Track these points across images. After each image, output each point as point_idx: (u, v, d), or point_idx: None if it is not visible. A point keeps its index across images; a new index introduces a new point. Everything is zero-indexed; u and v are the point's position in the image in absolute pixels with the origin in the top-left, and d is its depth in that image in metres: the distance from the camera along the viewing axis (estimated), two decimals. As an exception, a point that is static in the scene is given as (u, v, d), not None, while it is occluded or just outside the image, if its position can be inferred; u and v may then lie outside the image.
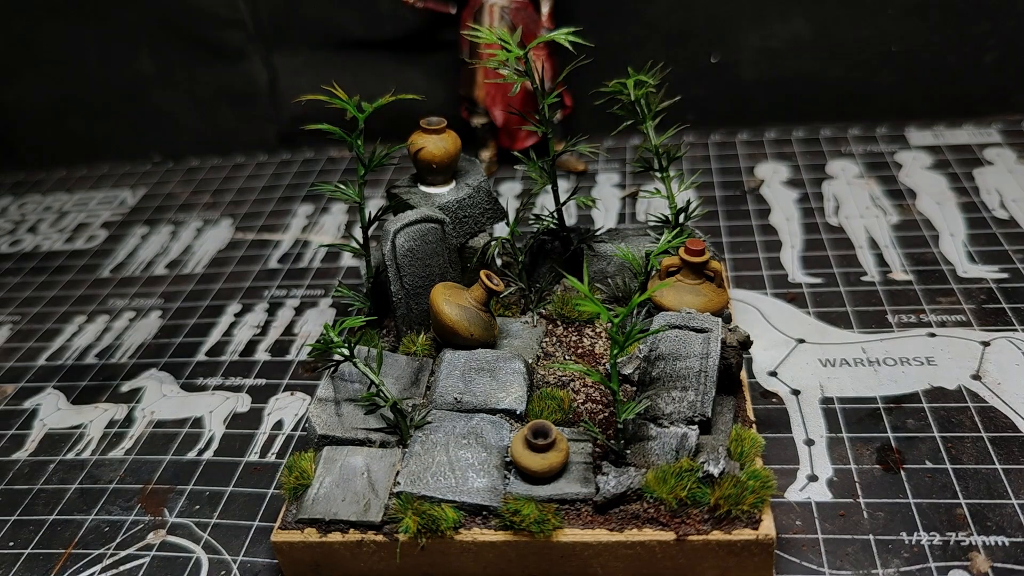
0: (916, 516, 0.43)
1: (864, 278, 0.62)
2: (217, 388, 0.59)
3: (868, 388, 0.51)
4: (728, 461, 0.40)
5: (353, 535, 0.40)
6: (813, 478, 0.46)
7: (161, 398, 0.59)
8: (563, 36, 0.47)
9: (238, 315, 0.67)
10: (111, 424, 0.57)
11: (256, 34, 0.89)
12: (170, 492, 0.51)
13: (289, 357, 0.62)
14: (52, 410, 0.59)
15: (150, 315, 0.69)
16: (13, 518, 0.50)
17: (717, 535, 0.38)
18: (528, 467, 0.39)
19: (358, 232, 0.53)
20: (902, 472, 0.45)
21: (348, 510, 0.40)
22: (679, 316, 0.44)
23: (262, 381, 0.59)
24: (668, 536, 0.38)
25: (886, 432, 0.48)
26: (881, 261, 0.63)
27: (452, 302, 0.47)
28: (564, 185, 0.77)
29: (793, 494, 0.45)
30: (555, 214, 0.55)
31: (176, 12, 0.89)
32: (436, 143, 0.50)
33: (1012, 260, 0.61)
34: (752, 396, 0.52)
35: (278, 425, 0.55)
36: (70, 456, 0.55)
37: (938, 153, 0.77)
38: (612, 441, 0.41)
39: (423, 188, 0.52)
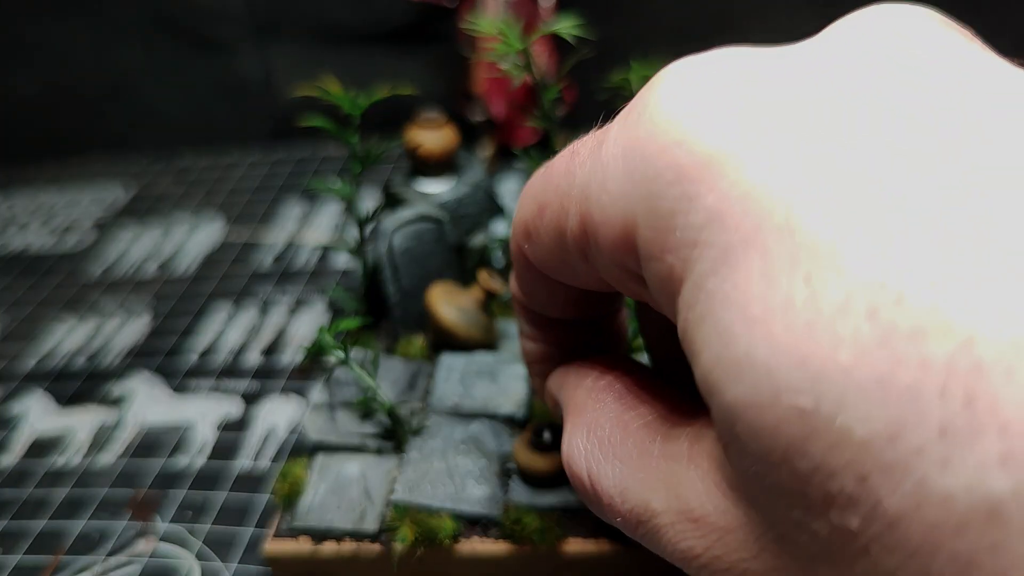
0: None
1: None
2: (209, 392, 0.58)
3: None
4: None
5: (348, 545, 0.39)
6: (822, 484, 0.45)
7: (152, 402, 0.58)
8: (565, 29, 0.45)
9: (231, 317, 0.66)
10: (101, 428, 0.56)
11: (250, 27, 0.88)
12: (161, 498, 0.50)
13: (283, 360, 0.60)
14: (41, 414, 0.58)
15: (141, 317, 0.68)
16: (1, 525, 0.49)
17: (726, 545, 0.37)
18: (532, 467, 0.38)
19: (354, 231, 0.51)
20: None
21: (343, 519, 0.39)
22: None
23: (255, 385, 0.58)
24: (675, 546, 0.37)
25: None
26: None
27: (450, 303, 0.46)
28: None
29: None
30: (556, 212, 0.53)
31: (168, 4, 0.87)
32: (434, 139, 0.49)
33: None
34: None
35: (271, 430, 0.54)
36: (59, 461, 0.54)
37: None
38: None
39: (421, 185, 0.51)
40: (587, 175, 0.23)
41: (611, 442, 0.26)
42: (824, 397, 0.16)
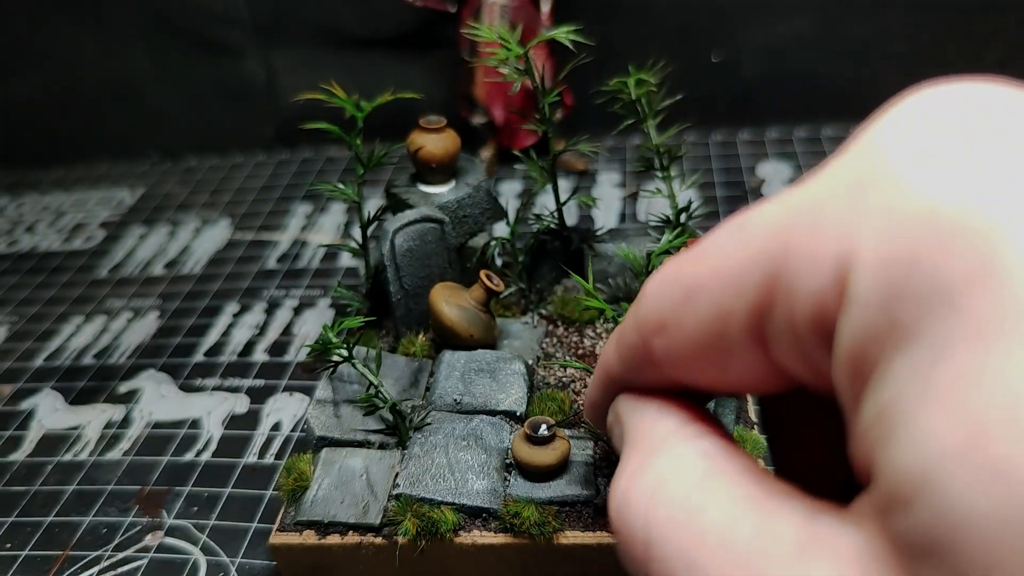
0: (919, 518, 0.42)
1: (866, 278, 0.61)
2: (215, 389, 0.59)
3: (871, 389, 0.51)
4: (730, 463, 0.39)
5: (352, 537, 0.40)
6: (815, 480, 0.45)
7: (159, 399, 0.59)
8: (563, 34, 0.46)
9: (236, 315, 0.67)
10: (109, 425, 0.57)
11: (254, 31, 0.89)
12: (168, 493, 0.51)
13: (287, 358, 0.61)
14: (50, 411, 0.59)
15: (148, 315, 0.69)
16: (10, 519, 0.50)
17: (719, 538, 0.37)
18: (529, 461, 0.39)
19: (357, 232, 0.52)
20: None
21: (347, 512, 0.40)
22: (680, 316, 0.44)
23: (260, 382, 0.59)
24: (670, 539, 0.38)
25: (889, 433, 0.48)
26: (883, 261, 0.63)
27: (452, 303, 0.47)
28: (565, 184, 0.77)
29: (795, 496, 0.44)
30: (555, 214, 0.54)
31: (173, 9, 0.88)
32: (435, 142, 0.50)
33: (1015, 260, 0.61)
34: (754, 397, 0.51)
35: (276, 426, 0.55)
36: (67, 457, 0.55)
37: (940, 152, 0.77)
38: (613, 443, 0.40)
39: (422, 187, 0.52)
40: (793, 216, 0.18)
41: (695, 508, 0.19)
42: None
